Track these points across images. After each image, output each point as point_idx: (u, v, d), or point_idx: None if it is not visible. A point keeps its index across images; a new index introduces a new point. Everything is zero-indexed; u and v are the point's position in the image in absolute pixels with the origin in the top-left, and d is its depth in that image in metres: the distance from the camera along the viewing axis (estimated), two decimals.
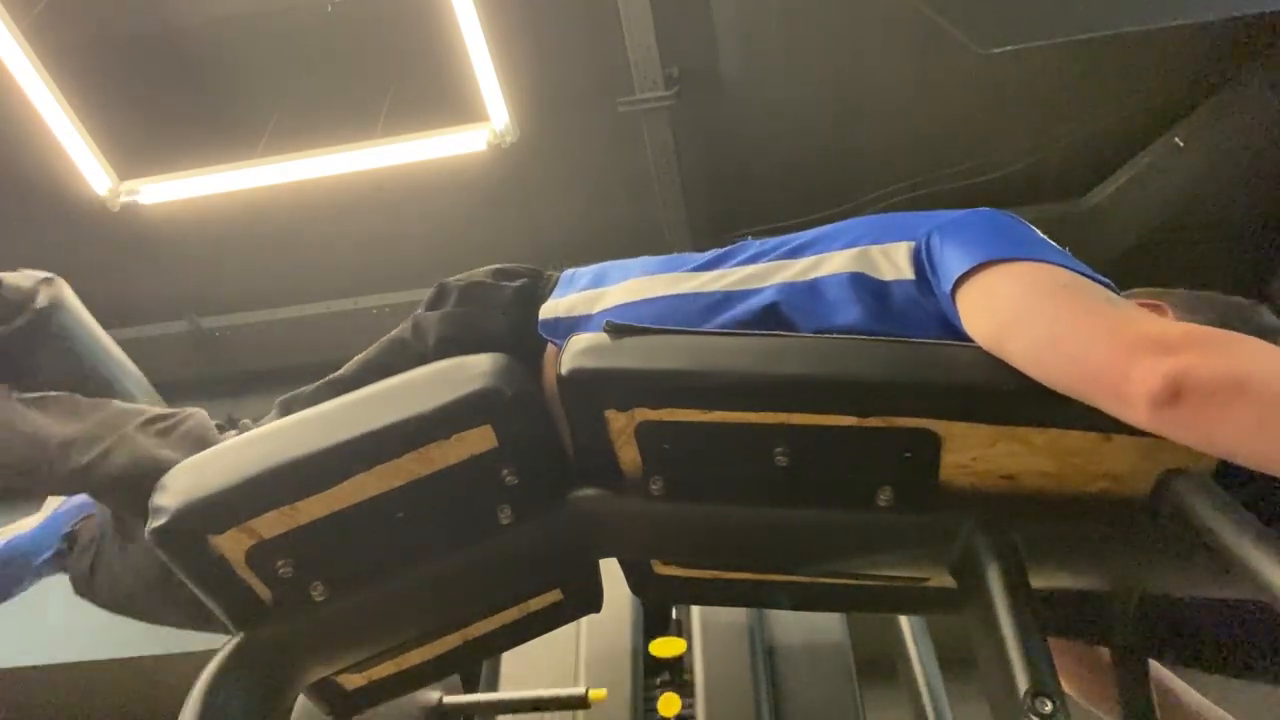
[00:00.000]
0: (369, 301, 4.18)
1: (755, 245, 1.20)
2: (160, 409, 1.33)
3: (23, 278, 1.42)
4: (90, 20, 3.26)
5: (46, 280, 1.44)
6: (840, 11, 3.19)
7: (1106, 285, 0.96)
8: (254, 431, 1.08)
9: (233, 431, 1.28)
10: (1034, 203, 3.75)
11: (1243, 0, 2.60)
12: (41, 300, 1.39)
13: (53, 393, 1.32)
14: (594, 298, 1.21)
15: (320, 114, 3.41)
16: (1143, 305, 1.14)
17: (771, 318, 1.08)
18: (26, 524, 1.48)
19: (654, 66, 3.25)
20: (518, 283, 1.28)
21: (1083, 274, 0.95)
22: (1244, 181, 3.44)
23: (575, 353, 0.99)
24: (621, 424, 0.99)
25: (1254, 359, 0.78)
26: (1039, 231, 1.07)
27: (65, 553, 1.43)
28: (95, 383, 1.39)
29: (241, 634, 1.05)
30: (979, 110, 3.51)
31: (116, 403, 1.34)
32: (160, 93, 3.50)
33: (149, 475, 1.08)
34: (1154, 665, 1.25)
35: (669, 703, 1.79)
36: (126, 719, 3.86)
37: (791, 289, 1.09)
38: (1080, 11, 2.57)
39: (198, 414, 1.31)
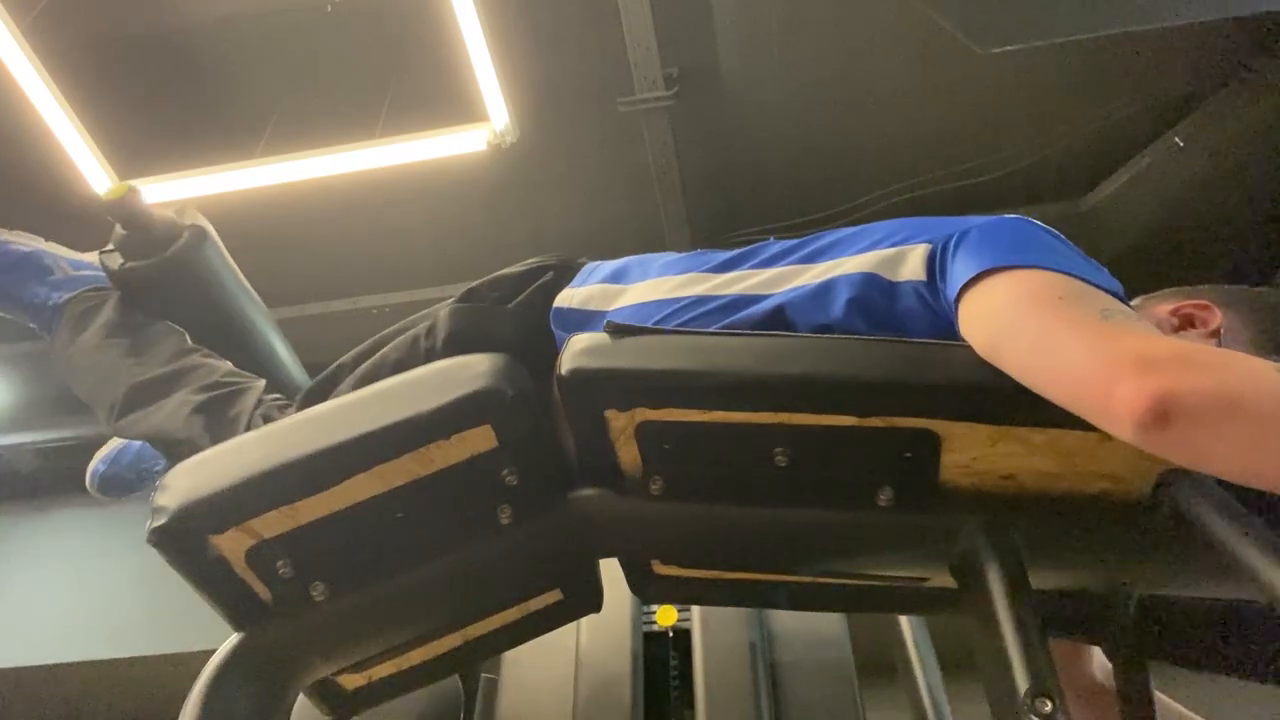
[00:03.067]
0: (369, 301, 4.18)
1: (776, 246, 1.18)
2: (234, 374, 1.38)
3: (175, 214, 1.53)
4: (90, 20, 3.26)
5: (195, 227, 1.57)
6: (840, 11, 3.19)
7: (1116, 295, 0.95)
8: (254, 432, 1.08)
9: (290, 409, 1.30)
10: (1034, 203, 3.75)
11: (1243, 0, 2.60)
12: (188, 240, 1.53)
13: (158, 324, 1.44)
14: (612, 294, 1.20)
15: (320, 114, 3.41)
16: (1188, 307, 1.11)
17: (774, 321, 1.08)
18: None
19: (654, 66, 3.25)
20: (544, 279, 1.27)
21: (1094, 283, 0.94)
22: (1244, 181, 3.44)
23: (575, 353, 0.99)
24: (622, 424, 0.99)
25: (1244, 378, 0.76)
26: (1061, 237, 1.05)
27: None
28: (230, 328, 1.44)
29: (241, 634, 1.05)
30: (979, 110, 3.51)
31: (196, 358, 1.40)
32: (160, 93, 3.50)
33: (172, 448, 1.23)
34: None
35: (666, 614, 1.83)
36: (127, 719, 3.86)
37: (801, 291, 1.09)
38: (1080, 11, 2.57)
39: (255, 391, 1.33)
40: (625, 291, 1.20)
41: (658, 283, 1.20)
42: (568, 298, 1.21)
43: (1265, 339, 1.12)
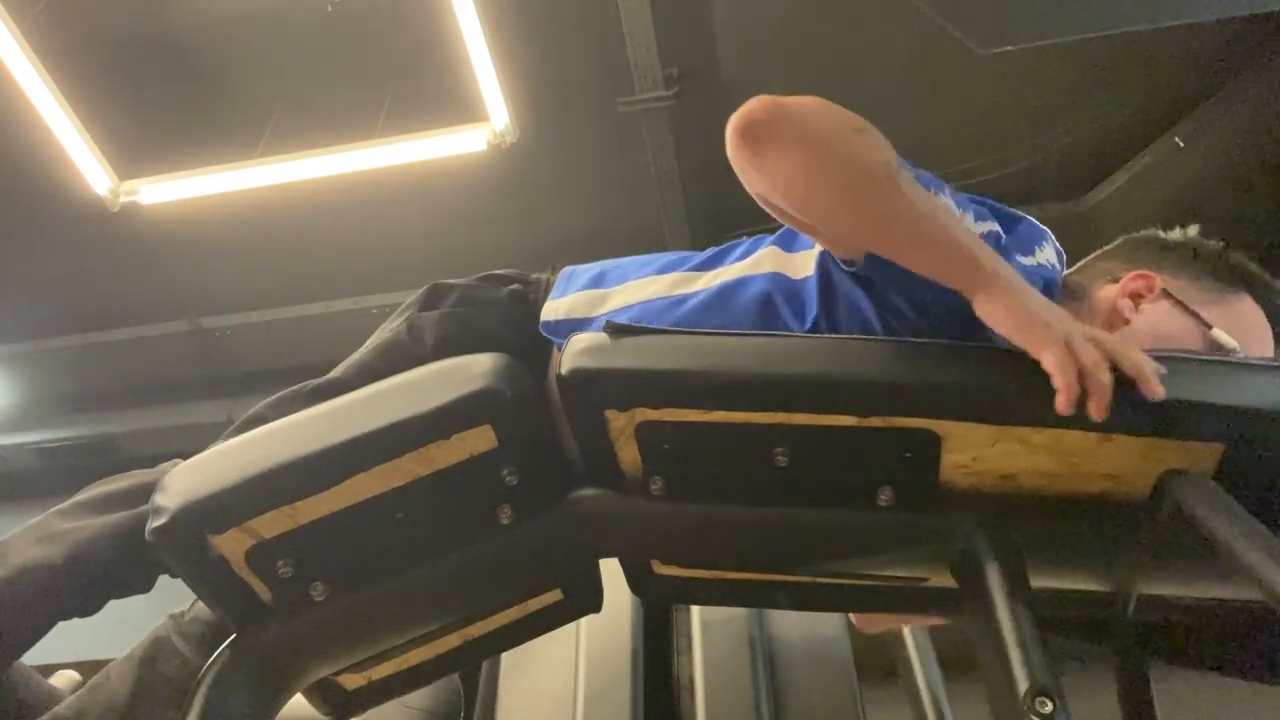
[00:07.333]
0: (369, 301, 4.18)
1: (747, 243, 1.22)
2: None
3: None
4: (90, 20, 3.26)
5: None
6: (840, 12, 3.19)
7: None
8: (254, 431, 1.08)
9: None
10: (1034, 203, 3.75)
11: (1243, 0, 2.60)
12: None
13: None
14: (595, 300, 1.21)
15: (320, 114, 3.41)
16: (1130, 285, 1.18)
17: (767, 309, 1.10)
18: None
19: (654, 66, 3.25)
20: (510, 287, 1.29)
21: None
22: (1244, 181, 3.44)
23: (575, 353, 0.99)
24: (621, 424, 0.99)
25: (826, 118, 0.98)
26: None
27: None
28: None
29: (241, 634, 1.05)
30: (979, 110, 3.51)
31: None
32: (160, 93, 3.50)
33: None
34: None
35: None
36: None
37: (784, 282, 1.11)
38: (1080, 11, 2.57)
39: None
40: (610, 296, 1.21)
41: (643, 283, 1.20)
42: (553, 309, 1.22)
43: (1206, 277, 1.19)
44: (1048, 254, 1.16)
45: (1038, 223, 1.18)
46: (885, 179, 0.95)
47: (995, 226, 1.09)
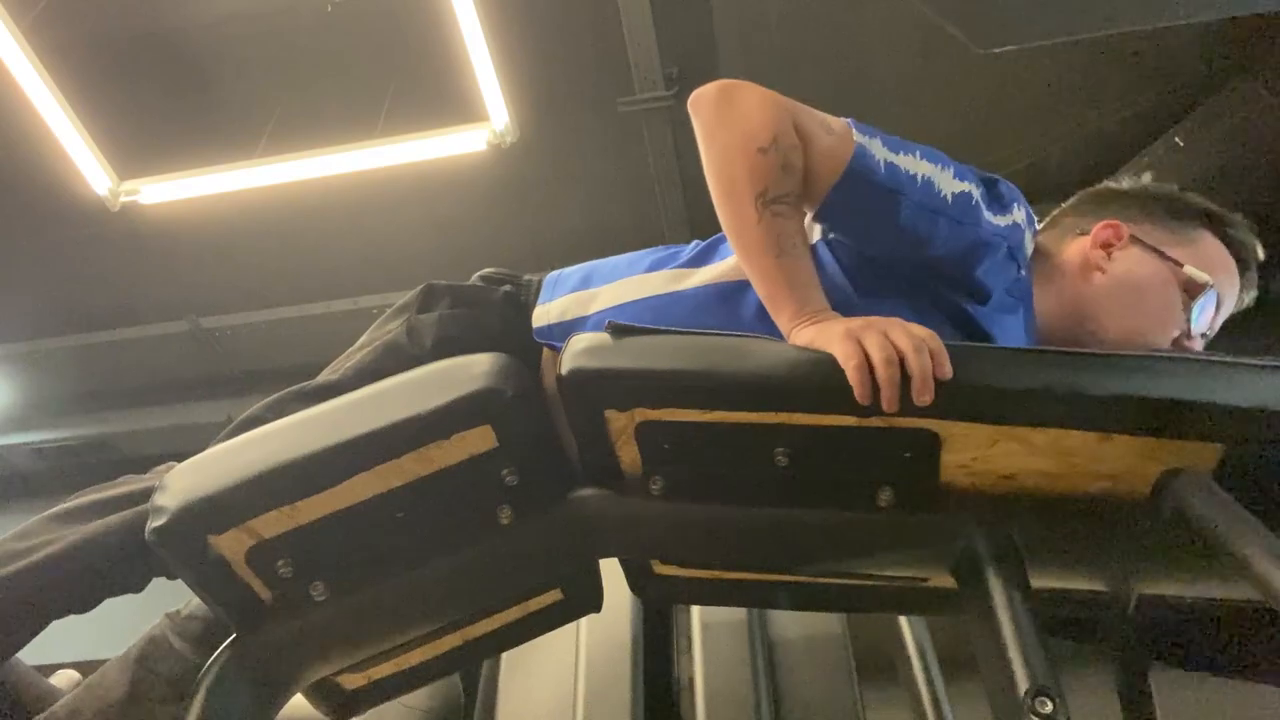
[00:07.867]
0: (369, 301, 4.18)
1: None
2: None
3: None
4: (90, 20, 3.26)
5: None
6: (840, 12, 3.19)
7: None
8: (254, 431, 1.08)
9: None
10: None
11: (1243, 0, 2.60)
12: None
13: None
14: (585, 299, 1.21)
15: (320, 114, 3.41)
16: (1101, 235, 1.23)
17: (767, 312, 1.10)
18: None
19: (654, 66, 3.25)
20: (504, 288, 1.29)
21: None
22: (1244, 181, 3.44)
23: (575, 353, 0.99)
24: (621, 424, 0.99)
25: (742, 122, 1.05)
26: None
27: None
28: None
29: (241, 634, 1.05)
30: (979, 110, 3.51)
31: None
32: (160, 93, 3.50)
33: None
34: None
35: None
36: None
37: None
38: (1080, 11, 2.56)
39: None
40: (599, 294, 1.21)
41: (634, 281, 1.20)
42: (543, 314, 1.22)
43: (1168, 219, 1.25)
44: (1019, 215, 1.20)
45: (1011, 185, 1.24)
46: (746, 204, 1.03)
47: (969, 186, 1.15)
